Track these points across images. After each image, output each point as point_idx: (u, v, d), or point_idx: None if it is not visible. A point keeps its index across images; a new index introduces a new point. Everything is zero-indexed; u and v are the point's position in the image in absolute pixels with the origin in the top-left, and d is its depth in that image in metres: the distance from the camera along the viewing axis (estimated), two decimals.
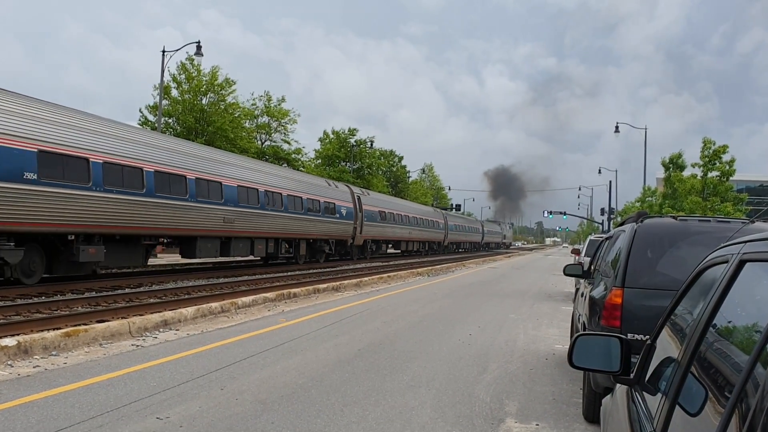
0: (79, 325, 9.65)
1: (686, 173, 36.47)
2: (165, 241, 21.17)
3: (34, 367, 7.35)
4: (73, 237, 15.72)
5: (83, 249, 15.67)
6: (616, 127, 48.37)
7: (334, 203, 32.18)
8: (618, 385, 3.05)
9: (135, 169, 17.45)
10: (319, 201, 30.05)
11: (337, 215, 32.36)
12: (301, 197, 28.20)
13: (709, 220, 6.18)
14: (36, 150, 14.14)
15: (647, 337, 4.48)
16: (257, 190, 24.33)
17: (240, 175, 23.46)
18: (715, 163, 33.85)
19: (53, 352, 8.13)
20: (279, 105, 48.66)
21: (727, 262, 1.96)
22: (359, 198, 36.30)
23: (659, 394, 2.14)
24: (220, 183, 21.81)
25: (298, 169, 44.21)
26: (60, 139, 14.97)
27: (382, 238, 40.93)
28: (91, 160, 15.70)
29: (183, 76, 40.21)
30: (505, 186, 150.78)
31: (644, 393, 2.45)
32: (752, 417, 1.26)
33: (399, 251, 48.15)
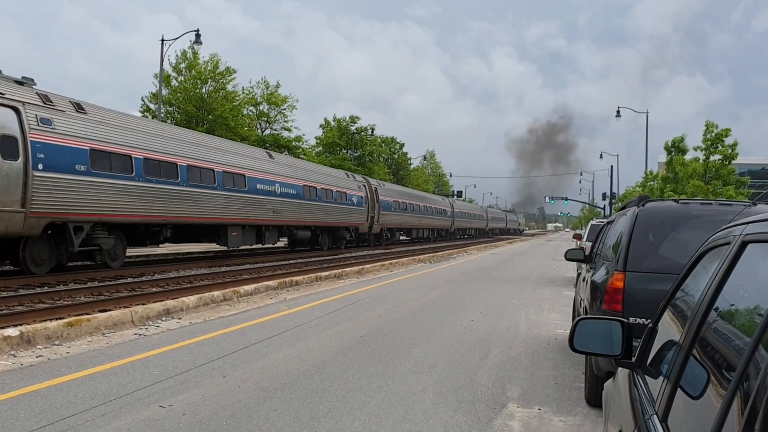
0: (82, 314, 9.67)
1: (688, 157, 36.34)
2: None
3: (37, 357, 7.37)
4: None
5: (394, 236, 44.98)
6: (618, 112, 48.23)
7: (446, 209, 59.19)
8: (620, 368, 3.04)
9: (413, 204, 47.07)
10: (441, 209, 57.49)
11: (446, 216, 59.13)
12: (437, 207, 55.73)
13: (711, 203, 6.15)
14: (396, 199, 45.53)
15: (649, 320, 4.48)
16: (426, 206, 51.34)
17: (428, 203, 52.84)
18: (717, 147, 33.72)
19: (56, 342, 8.14)
20: (276, 91, 48.49)
21: (729, 243, 1.94)
22: (453, 204, 63.50)
23: (661, 378, 2.13)
24: (419, 205, 49.34)
25: (299, 157, 44.43)
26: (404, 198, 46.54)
27: (465, 227, 70.56)
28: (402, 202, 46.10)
29: (184, 65, 40.08)
30: (554, 146, 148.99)
31: (646, 377, 2.44)
32: (754, 399, 1.24)
33: (467, 236, 73.53)
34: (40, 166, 14.30)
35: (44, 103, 14.92)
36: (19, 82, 14.89)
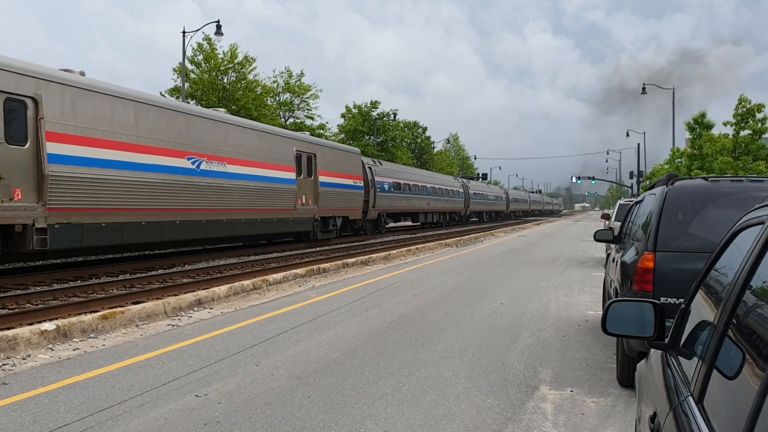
0: (116, 307, 9.84)
1: (716, 132, 35.71)
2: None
3: (74, 350, 7.53)
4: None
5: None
6: (643, 89, 47.51)
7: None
8: (652, 350, 3.03)
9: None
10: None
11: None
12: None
13: (741, 180, 6.06)
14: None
15: (680, 300, 4.45)
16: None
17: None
18: (748, 121, 33.04)
19: (92, 335, 8.31)
20: (299, 80, 48.56)
21: (762, 223, 1.93)
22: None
23: (695, 358, 2.12)
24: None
25: None
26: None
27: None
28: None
29: (201, 57, 40.25)
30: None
31: (680, 357, 2.43)
32: None
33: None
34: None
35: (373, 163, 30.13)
36: None
